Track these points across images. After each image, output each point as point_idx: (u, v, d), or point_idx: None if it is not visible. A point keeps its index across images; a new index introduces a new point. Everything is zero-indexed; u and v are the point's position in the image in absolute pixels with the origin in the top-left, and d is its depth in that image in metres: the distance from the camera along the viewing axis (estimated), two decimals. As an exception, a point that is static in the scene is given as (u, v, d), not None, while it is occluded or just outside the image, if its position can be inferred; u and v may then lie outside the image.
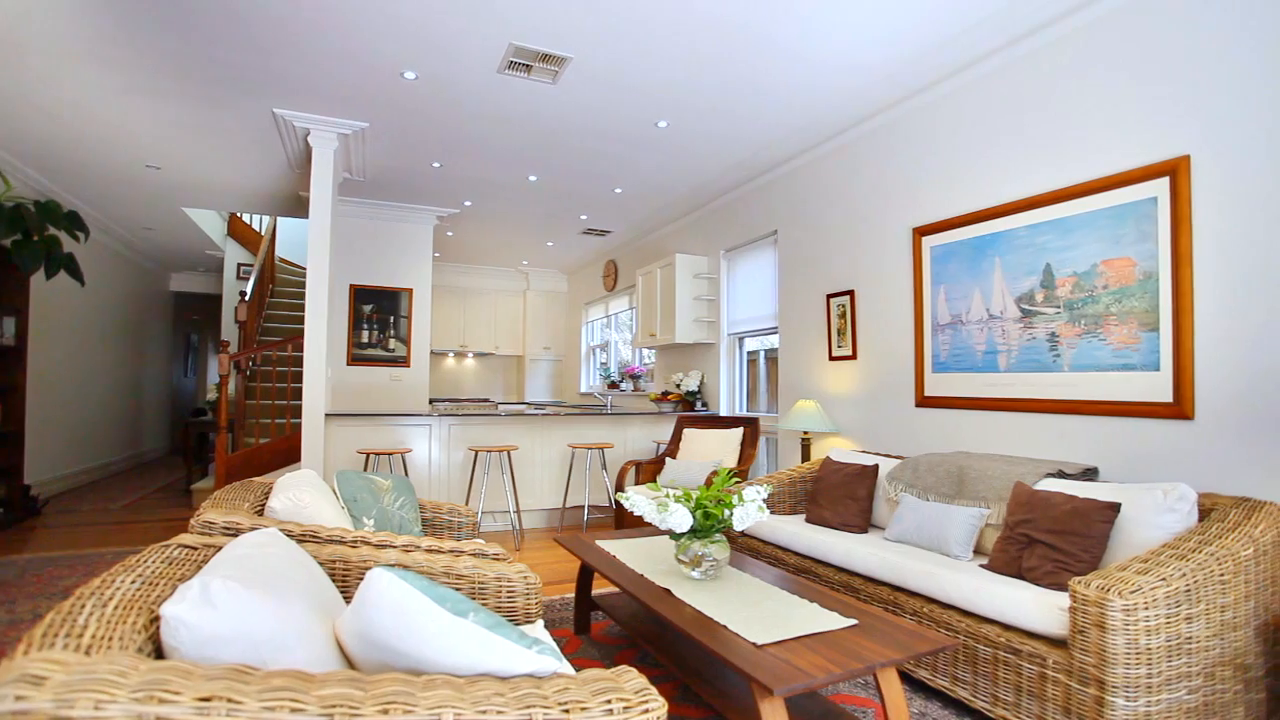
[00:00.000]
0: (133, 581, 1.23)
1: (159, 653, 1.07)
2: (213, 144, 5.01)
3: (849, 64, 3.65)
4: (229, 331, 8.53)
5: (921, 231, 3.78)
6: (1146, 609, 1.81)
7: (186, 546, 1.53)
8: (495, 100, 4.20)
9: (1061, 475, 2.75)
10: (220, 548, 1.54)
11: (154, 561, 1.38)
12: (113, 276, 7.99)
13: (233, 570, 1.19)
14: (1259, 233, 2.38)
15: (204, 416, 7.59)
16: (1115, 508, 2.31)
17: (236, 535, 1.79)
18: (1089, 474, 2.82)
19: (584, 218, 7.14)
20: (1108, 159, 2.86)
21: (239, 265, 9.00)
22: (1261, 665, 2.08)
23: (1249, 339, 2.40)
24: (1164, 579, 1.86)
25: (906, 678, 2.51)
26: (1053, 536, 2.36)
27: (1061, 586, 2.21)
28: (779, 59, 3.62)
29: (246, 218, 9.18)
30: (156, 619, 1.09)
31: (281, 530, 1.84)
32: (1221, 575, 1.96)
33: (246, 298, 7.06)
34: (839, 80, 3.84)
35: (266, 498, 2.37)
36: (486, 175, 5.72)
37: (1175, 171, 2.60)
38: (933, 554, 2.74)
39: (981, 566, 2.56)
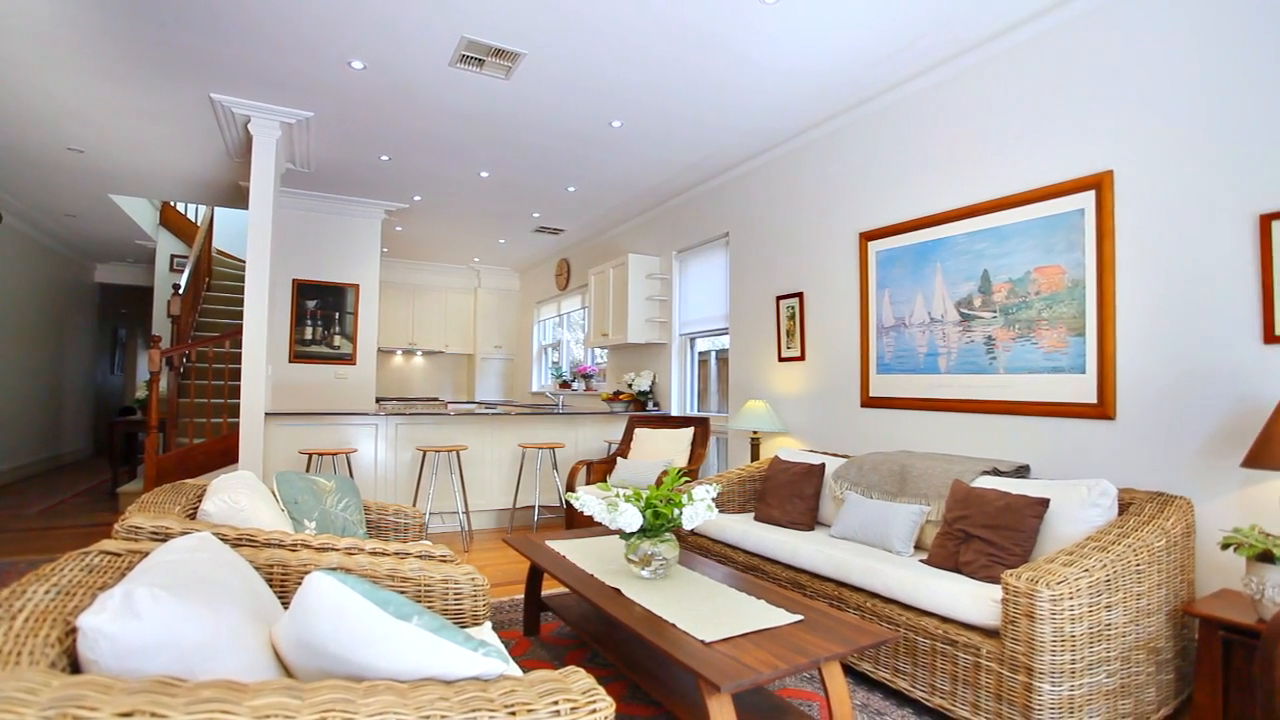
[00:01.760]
0: (46, 591, 1.15)
1: (76, 668, 1.01)
2: (143, 128, 4.75)
3: (800, 70, 3.72)
4: (161, 326, 8.10)
5: (868, 236, 3.89)
6: (1071, 599, 1.92)
7: (109, 553, 1.45)
8: (446, 94, 4.12)
9: (996, 473, 2.88)
10: (147, 554, 1.46)
11: (71, 570, 1.30)
12: (29, 266, 7.49)
13: (160, 577, 1.13)
14: (1174, 244, 2.54)
15: (133, 415, 7.19)
16: (1045, 503, 2.43)
17: (166, 540, 1.70)
18: (1021, 471, 2.96)
19: (536, 215, 7.07)
20: (1040, 171, 3.01)
21: (172, 257, 8.56)
22: (1171, 648, 2.23)
23: (1164, 345, 2.57)
24: (1087, 570, 1.97)
25: (850, 670, 2.58)
26: (987, 531, 2.46)
27: (995, 579, 2.30)
28: (733, 63, 3.67)
29: (181, 207, 8.73)
30: (73, 631, 1.03)
31: (215, 534, 1.76)
32: (1138, 565, 2.09)
33: (180, 291, 6.73)
34: (790, 87, 3.92)
35: (200, 501, 2.27)
36: (437, 170, 5.60)
37: (1100, 185, 2.75)
38: (876, 550, 2.82)
39: (921, 561, 2.65)
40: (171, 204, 8.49)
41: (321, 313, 6.77)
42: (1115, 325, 2.71)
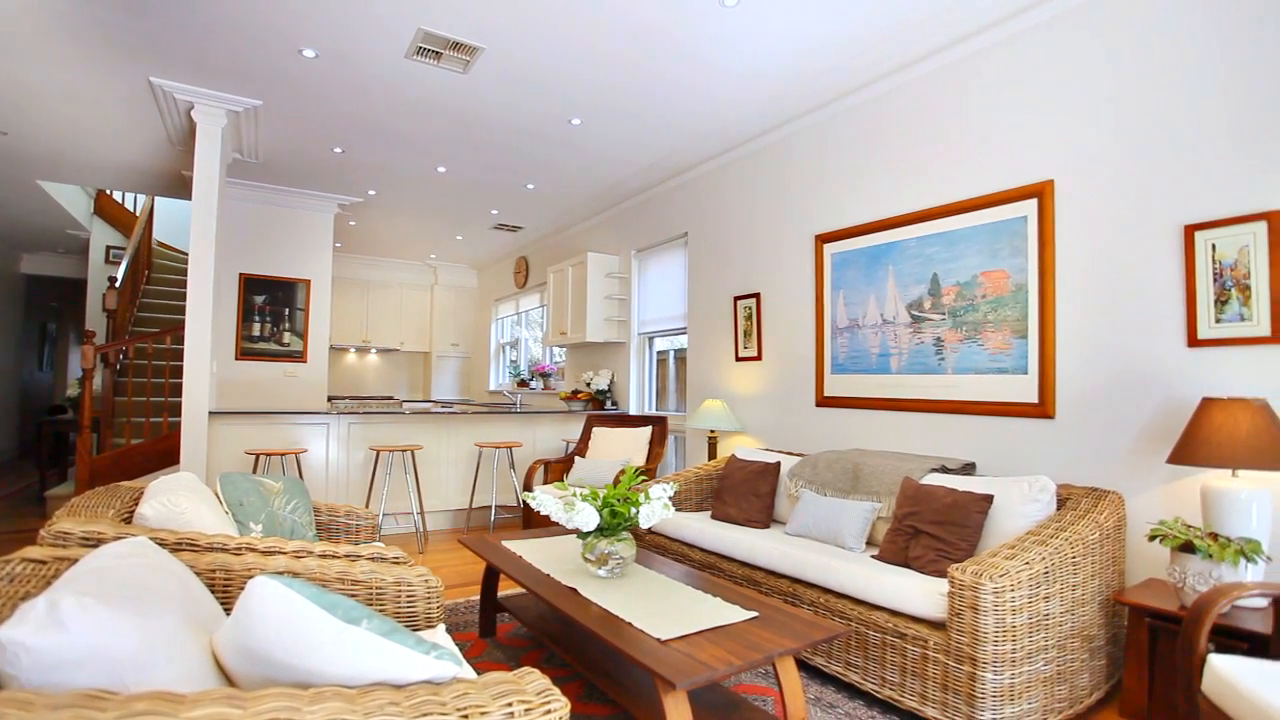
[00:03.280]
0: (-36, 602, 1.08)
1: (-5, 681, 0.95)
2: (76, 111, 4.50)
3: (757, 74, 3.77)
4: (95, 321, 7.70)
5: (823, 239, 3.97)
6: (1013, 590, 1.99)
7: (33, 561, 1.37)
8: (402, 86, 4.03)
9: (945, 470, 2.97)
10: (76, 561, 1.39)
11: (-8, 578, 1.23)
12: (-51, 256, 7.03)
13: (89, 585, 1.08)
14: (1109, 252, 2.67)
15: (64, 415, 6.83)
16: (989, 499, 2.52)
17: (98, 546, 1.62)
18: (968, 469, 3.07)
19: (495, 212, 6.98)
20: (987, 179, 3.12)
21: (108, 248, 8.14)
22: (1103, 635, 2.34)
23: (1099, 347, 2.69)
24: (1028, 563, 2.05)
25: (803, 665, 2.62)
26: (936, 527, 2.54)
27: (942, 573, 2.38)
28: (693, 65, 3.69)
29: (119, 196, 8.31)
30: (-8, 643, 0.97)
31: (153, 539, 1.68)
32: (1074, 557, 2.19)
33: (117, 284, 6.41)
34: (748, 90, 3.96)
35: (137, 504, 2.17)
36: (392, 164, 5.48)
37: (1042, 194, 2.87)
38: (829, 546, 2.88)
39: (873, 557, 2.72)
40: (107, 193, 8.08)
41: (270, 308, 6.54)
42: (1055, 328, 2.83)
